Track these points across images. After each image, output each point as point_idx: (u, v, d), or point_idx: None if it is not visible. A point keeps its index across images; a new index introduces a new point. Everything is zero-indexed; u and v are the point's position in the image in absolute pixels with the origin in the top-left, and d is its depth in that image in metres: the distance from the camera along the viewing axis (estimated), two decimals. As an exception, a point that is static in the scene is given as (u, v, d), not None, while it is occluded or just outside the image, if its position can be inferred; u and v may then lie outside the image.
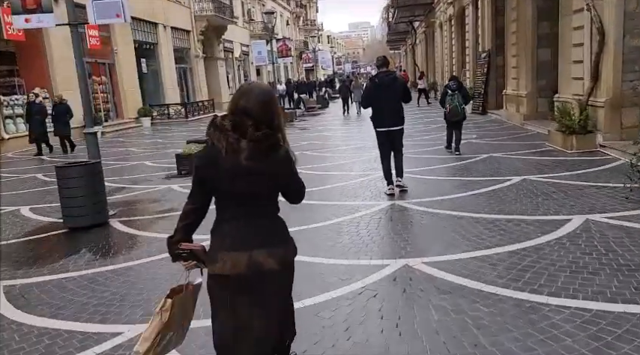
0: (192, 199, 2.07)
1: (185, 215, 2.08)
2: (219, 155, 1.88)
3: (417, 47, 39.72)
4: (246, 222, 1.97)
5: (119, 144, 15.04)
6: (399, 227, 4.94)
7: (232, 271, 1.92)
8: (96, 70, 19.24)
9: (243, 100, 1.91)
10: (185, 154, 8.86)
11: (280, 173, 1.99)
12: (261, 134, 1.87)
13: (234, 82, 35.13)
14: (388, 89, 6.06)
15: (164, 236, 5.18)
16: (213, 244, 2.01)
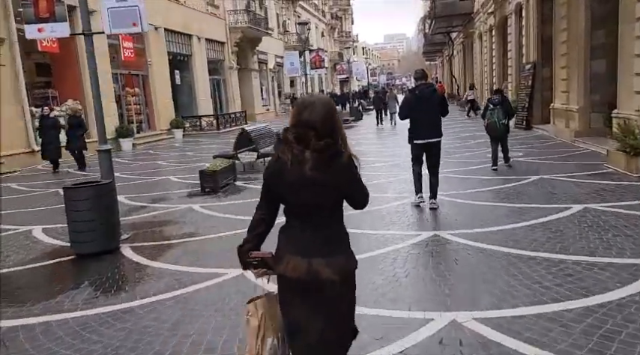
0: (261, 209, 2.16)
1: (255, 224, 2.16)
2: (285, 167, 1.95)
3: (454, 58, 38.65)
4: (309, 231, 2.02)
5: (148, 156, 14.86)
6: (442, 266, 4.23)
7: (293, 274, 2.00)
8: (129, 81, 19.32)
9: (306, 113, 1.97)
10: (209, 171, 8.42)
11: (343, 181, 2.03)
12: (323, 143, 1.93)
13: (267, 94, 35.05)
14: (427, 101, 6.08)
15: (174, 268, 4.73)
16: (280, 244, 2.09)
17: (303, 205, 2.01)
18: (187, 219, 6.51)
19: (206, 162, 12.01)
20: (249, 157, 11.26)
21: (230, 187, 8.66)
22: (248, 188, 8.58)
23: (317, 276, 1.98)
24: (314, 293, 2.00)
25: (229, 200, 7.63)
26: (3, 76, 12.58)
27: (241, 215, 6.51)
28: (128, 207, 7.48)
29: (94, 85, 5.60)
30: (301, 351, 2.07)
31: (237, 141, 10.65)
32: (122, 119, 18.27)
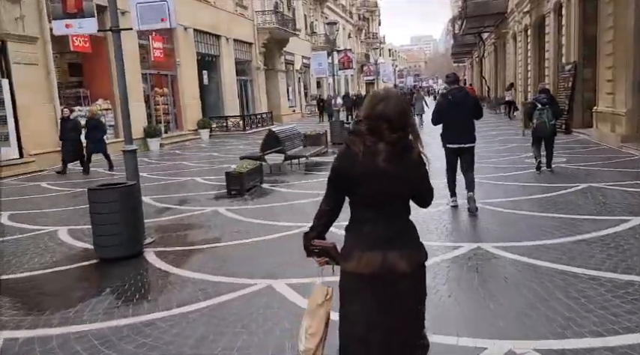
0: (327, 200, 2.16)
1: (320, 215, 2.19)
2: (356, 158, 1.97)
3: (485, 60, 37.70)
4: (380, 224, 2.02)
5: (175, 157, 14.80)
6: (489, 285, 3.83)
7: (366, 270, 1.99)
8: (158, 81, 19.39)
9: (381, 106, 1.98)
10: (236, 172, 8.18)
11: (413, 175, 2.04)
12: (396, 136, 1.95)
13: (294, 95, 34.90)
14: (460, 105, 5.99)
15: (198, 276, 4.32)
16: (348, 242, 2.09)
17: (375, 196, 2.00)
18: (213, 223, 6.27)
19: (232, 163, 11.80)
20: (276, 159, 11.01)
21: (257, 190, 8.41)
22: (275, 191, 8.32)
23: (392, 269, 1.98)
24: (387, 287, 1.99)
25: (256, 203, 7.38)
26: (35, 75, 12.69)
27: (268, 219, 6.25)
28: (153, 208, 7.31)
29: (120, 84, 5.42)
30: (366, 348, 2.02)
31: (264, 142, 10.42)
32: (150, 119, 18.33)
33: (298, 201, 7.34)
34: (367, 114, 2.00)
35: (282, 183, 9.04)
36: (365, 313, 2.01)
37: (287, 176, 9.82)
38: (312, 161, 11.22)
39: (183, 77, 20.09)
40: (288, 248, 5.04)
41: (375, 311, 1.99)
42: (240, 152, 14.80)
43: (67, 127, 11.47)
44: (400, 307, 2.01)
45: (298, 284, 4.00)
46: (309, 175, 9.86)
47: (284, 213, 6.64)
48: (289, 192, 8.18)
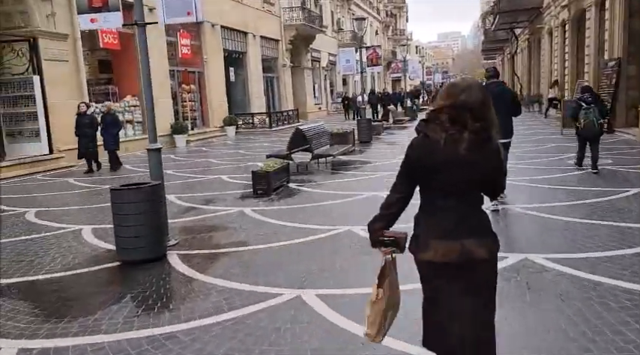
0: (398, 189, 2.15)
1: (389, 204, 2.16)
2: (436, 146, 1.97)
3: (518, 56, 36.56)
4: (457, 212, 2.02)
5: (201, 153, 14.72)
6: (544, 304, 3.44)
7: (444, 259, 2.00)
8: (186, 78, 19.38)
9: (464, 95, 1.98)
10: (262, 172, 7.94)
11: (492, 165, 2.05)
12: (479, 125, 1.96)
13: (319, 92, 34.63)
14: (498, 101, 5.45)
15: (223, 284, 4.07)
16: (421, 231, 2.09)
17: (455, 184, 2.00)
18: (238, 225, 6.03)
19: (258, 161, 11.64)
20: (302, 158, 10.75)
21: (283, 189, 8.16)
22: (302, 191, 8.04)
23: (470, 257, 1.99)
24: (466, 274, 2.01)
25: (282, 204, 7.11)
26: (65, 72, 12.77)
27: (295, 222, 5.97)
28: (178, 208, 7.14)
29: (145, 81, 5.22)
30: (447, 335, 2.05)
31: (291, 140, 10.15)
32: (177, 115, 18.34)
33: (327, 202, 7.05)
34: (449, 103, 1.99)
35: (309, 182, 8.76)
36: (445, 301, 2.04)
37: (314, 175, 9.54)
38: (339, 160, 10.93)
39: (211, 74, 20.06)
40: (318, 254, 4.75)
41: (455, 299, 2.02)
42: (266, 150, 14.61)
43: (83, 123, 11.04)
44: (478, 294, 2.04)
45: (329, 296, 3.71)
46: (337, 175, 9.55)
47: (312, 215, 6.36)
48: (317, 192, 7.90)
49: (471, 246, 1.99)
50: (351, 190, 7.75)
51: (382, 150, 13.29)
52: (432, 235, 2.04)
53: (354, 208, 6.66)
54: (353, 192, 7.54)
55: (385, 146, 14.28)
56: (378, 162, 10.89)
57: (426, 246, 2.04)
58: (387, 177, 8.88)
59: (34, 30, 11.77)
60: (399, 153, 12.29)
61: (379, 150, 13.33)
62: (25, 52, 11.79)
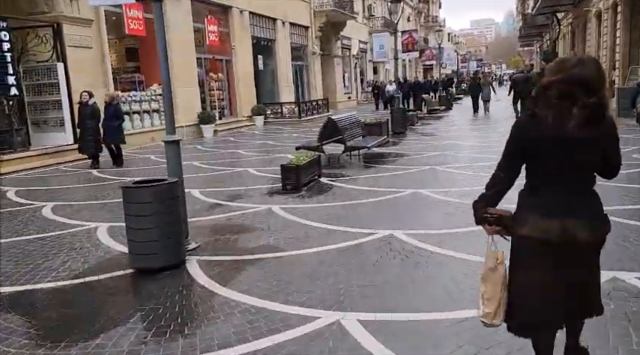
0: (504, 167, 2.13)
1: (494, 182, 2.16)
2: (544, 123, 1.94)
3: (559, 42, 34.61)
4: (562, 191, 1.99)
5: (228, 144, 14.22)
6: None
7: (542, 235, 1.97)
8: (213, 66, 18.93)
9: (577, 69, 1.90)
10: (292, 165, 7.32)
11: (606, 142, 1.98)
12: (592, 101, 1.88)
13: (349, 81, 33.73)
14: None
15: (247, 301, 2.96)
16: (523, 207, 2.09)
17: (563, 162, 1.96)
18: (266, 226, 5.43)
19: (287, 152, 11.04)
20: (333, 150, 10.08)
21: (314, 185, 7.52)
22: (335, 187, 7.38)
23: (571, 238, 1.95)
24: (564, 254, 1.98)
25: (313, 202, 6.48)
26: (90, 59, 12.42)
27: (329, 223, 5.33)
28: (201, 204, 6.60)
29: (163, 61, 4.63)
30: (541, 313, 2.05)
31: (322, 131, 9.49)
32: (204, 105, 17.91)
33: (362, 200, 6.37)
34: (560, 78, 1.91)
35: (341, 177, 8.10)
36: (540, 278, 2.02)
37: (346, 169, 8.86)
38: (373, 152, 10.19)
39: (239, 62, 19.52)
40: (357, 265, 4.09)
41: (551, 277, 2.00)
42: (295, 140, 13.99)
43: (85, 113, 10.07)
44: (577, 274, 2.02)
45: (374, 323, 3.06)
46: (371, 169, 8.84)
47: (347, 215, 5.70)
48: (351, 188, 7.22)
49: (573, 227, 1.94)
50: (389, 187, 7.04)
51: (418, 141, 12.47)
52: (533, 211, 2.02)
53: (393, 208, 5.97)
54: (390, 189, 6.84)
55: (421, 137, 13.43)
56: (415, 155, 10.12)
57: (525, 221, 2.03)
58: (425, 171, 8.13)
59: (58, 15, 11.42)
60: (439, 148, 11.59)
61: (415, 141, 12.52)
62: (49, 38, 11.46)
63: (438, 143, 11.88)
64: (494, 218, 2.10)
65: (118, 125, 10.40)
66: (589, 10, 23.70)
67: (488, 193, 2.16)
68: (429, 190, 6.68)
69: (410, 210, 5.88)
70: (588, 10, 23.78)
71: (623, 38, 17.74)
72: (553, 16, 31.88)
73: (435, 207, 5.85)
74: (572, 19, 28.52)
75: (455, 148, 10.75)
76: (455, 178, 7.48)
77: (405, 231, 4.92)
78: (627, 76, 17.15)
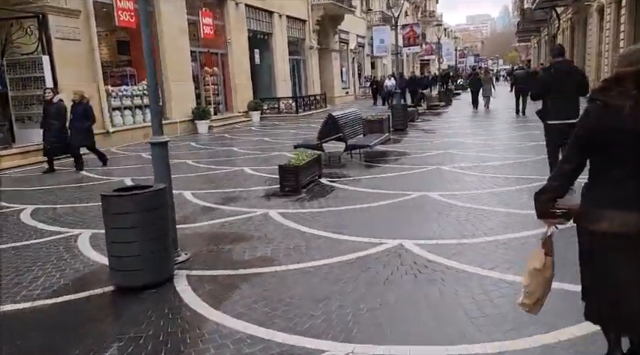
0: (570, 159, 2.12)
1: (561, 175, 2.14)
2: (618, 114, 1.90)
3: (558, 38, 34.18)
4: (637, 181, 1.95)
5: (223, 141, 13.73)
6: None
7: (620, 229, 1.94)
8: (208, 60, 18.40)
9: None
10: (290, 166, 6.86)
11: None
12: None
13: (347, 76, 33.23)
14: (567, 79, 5.73)
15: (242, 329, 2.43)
16: (594, 201, 2.04)
17: (636, 153, 1.91)
18: (263, 233, 4.98)
19: (285, 150, 10.59)
20: (333, 147, 9.63)
21: (314, 186, 7.08)
22: (336, 189, 6.93)
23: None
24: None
25: (314, 206, 6.02)
26: (78, 52, 11.88)
27: (331, 231, 4.89)
28: (193, 208, 6.14)
29: (147, 55, 4.16)
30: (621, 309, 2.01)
31: (322, 128, 9.01)
32: (199, 100, 17.40)
33: (366, 204, 5.93)
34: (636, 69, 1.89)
35: (343, 178, 7.65)
36: (621, 273, 1.98)
37: (347, 169, 8.41)
38: (374, 150, 9.73)
39: (234, 56, 19.00)
40: (365, 282, 3.64)
41: (634, 271, 1.97)
42: (293, 137, 13.55)
43: (50, 113, 9.15)
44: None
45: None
46: (373, 168, 8.39)
47: (350, 222, 5.26)
48: (354, 190, 6.78)
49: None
50: (394, 189, 6.60)
51: (419, 139, 12.03)
52: (607, 205, 1.98)
53: (400, 213, 5.52)
54: (396, 192, 6.40)
55: (422, 134, 12.99)
56: (417, 153, 9.67)
57: (600, 216, 1.98)
58: (431, 172, 7.69)
59: (44, 5, 10.87)
60: (442, 146, 11.14)
61: (416, 139, 12.08)
62: (34, 30, 10.91)
63: (440, 141, 11.44)
64: (562, 212, 2.08)
65: (88, 127, 9.40)
66: (590, 4, 23.29)
67: (554, 185, 2.12)
68: (436, 193, 6.24)
69: (418, 215, 5.44)
70: (589, 4, 23.37)
71: (627, 32, 17.33)
72: (552, 11, 31.49)
73: (445, 212, 5.42)
74: (572, 13, 28.10)
75: (459, 146, 10.31)
76: (463, 179, 7.04)
77: (416, 240, 4.48)
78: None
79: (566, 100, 5.61)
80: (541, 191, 2.15)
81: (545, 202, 2.12)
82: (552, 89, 5.72)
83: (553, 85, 5.72)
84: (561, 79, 5.70)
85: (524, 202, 5.46)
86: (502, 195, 6.11)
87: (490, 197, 6.00)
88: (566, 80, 5.69)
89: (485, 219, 5.05)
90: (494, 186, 6.55)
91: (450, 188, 6.55)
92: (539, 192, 2.15)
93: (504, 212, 5.30)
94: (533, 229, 4.46)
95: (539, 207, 2.14)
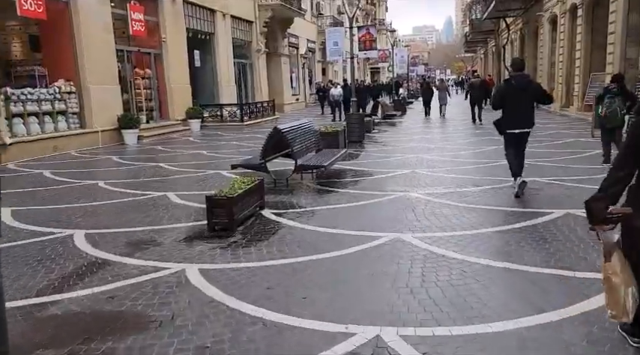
0: (623, 165, 2.27)
1: (614, 181, 2.27)
2: None
3: (507, 48, 34.40)
4: None
5: (152, 155, 11.76)
6: None
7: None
8: (139, 60, 16.30)
9: None
10: (221, 198, 5.20)
11: None
12: None
13: (297, 82, 31.76)
14: (524, 92, 6.07)
15: None
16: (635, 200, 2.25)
17: None
18: (170, 313, 3.29)
19: (224, 167, 8.89)
20: (281, 164, 8.06)
21: (255, 222, 5.45)
22: (282, 226, 5.33)
23: None
24: None
25: (251, 257, 4.38)
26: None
27: (272, 307, 3.29)
28: (76, 263, 4.34)
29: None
30: None
31: (266, 144, 7.40)
32: (129, 106, 15.27)
33: (323, 254, 4.36)
34: None
35: (291, 209, 6.06)
36: None
37: (297, 195, 6.83)
38: (330, 169, 8.22)
39: (171, 57, 16.98)
40: None
41: None
42: (235, 150, 11.90)
43: None
44: None
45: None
46: (329, 195, 6.84)
47: (305, 287, 3.67)
48: (305, 229, 5.19)
49: None
50: (357, 227, 5.09)
51: (379, 154, 10.65)
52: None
53: (370, 274, 3.97)
54: (360, 233, 4.89)
55: (381, 149, 11.63)
56: (380, 173, 8.24)
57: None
58: (400, 200, 6.23)
59: None
60: (403, 160, 9.82)
61: (376, 154, 10.70)
62: None
63: (403, 156, 10.11)
64: (616, 217, 2.19)
65: None
66: (541, 14, 23.13)
67: (610, 192, 2.24)
68: (412, 235, 4.79)
69: (396, 278, 3.89)
70: (541, 14, 23.22)
71: (584, 43, 16.94)
72: (502, 21, 31.56)
73: (431, 270, 3.95)
74: (523, 24, 28.12)
75: (425, 164, 8.99)
76: (442, 214, 5.62)
77: (399, 327, 2.98)
78: (588, 84, 16.35)
79: (522, 112, 6.08)
80: (596, 198, 2.26)
81: (603, 209, 2.20)
82: (511, 101, 6.07)
83: (512, 96, 6.06)
84: (520, 91, 6.03)
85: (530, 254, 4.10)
86: (495, 238, 4.74)
87: (480, 242, 4.59)
88: (524, 93, 6.05)
89: (485, 287, 3.61)
90: (481, 224, 5.17)
91: (428, 226, 5.12)
92: (595, 200, 2.25)
93: (510, 270, 3.89)
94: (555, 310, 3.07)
95: (596, 215, 2.22)
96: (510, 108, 6.10)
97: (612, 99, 7.73)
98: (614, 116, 7.69)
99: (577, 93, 17.54)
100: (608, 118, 7.77)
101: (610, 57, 14.27)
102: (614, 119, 7.71)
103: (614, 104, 7.68)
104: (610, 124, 7.81)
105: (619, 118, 7.70)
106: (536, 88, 6.33)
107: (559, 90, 19.84)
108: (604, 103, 7.80)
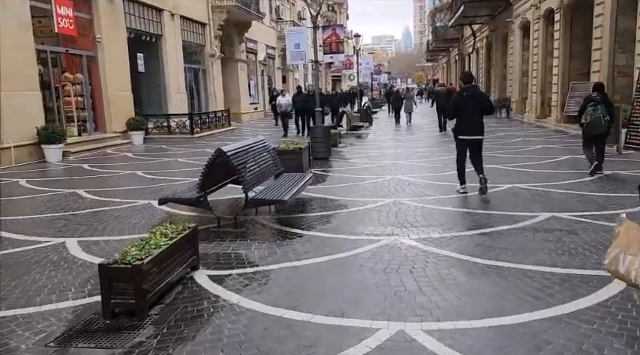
0: None
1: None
2: None
3: (472, 56, 33.83)
4: None
5: (74, 177, 9.61)
6: None
7: None
8: (69, 63, 14.05)
9: None
10: (126, 266, 3.34)
11: None
12: None
13: (256, 90, 29.86)
14: (474, 103, 6.64)
15: None
16: None
17: None
18: None
19: (159, 193, 6.91)
20: (230, 192, 6.23)
21: (179, 299, 3.60)
22: (221, 304, 3.49)
23: None
24: None
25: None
26: None
27: None
28: None
29: None
30: None
31: (207, 171, 5.50)
32: (54, 116, 12.98)
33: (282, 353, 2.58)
34: None
35: (239, 268, 4.24)
36: None
37: (247, 243, 5.00)
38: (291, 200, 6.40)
39: (108, 60, 14.79)
40: None
41: None
42: (180, 168, 10.02)
43: None
44: None
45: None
46: (290, 241, 5.02)
47: None
48: (257, 314, 3.37)
49: None
50: (335, 311, 3.33)
51: (350, 175, 8.95)
52: None
53: None
54: (340, 323, 3.13)
55: (351, 168, 9.92)
56: (355, 205, 6.49)
57: None
58: (383, 250, 4.49)
59: None
60: (380, 184, 8.06)
61: (346, 174, 9.00)
62: None
63: (379, 178, 8.44)
64: None
65: None
66: (511, 21, 22.33)
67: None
68: (422, 327, 3.08)
69: None
70: (511, 21, 22.41)
71: (562, 50, 15.97)
72: (468, 28, 30.93)
73: None
74: (490, 31, 27.41)
75: (409, 190, 7.36)
76: (442, 275, 3.95)
77: None
78: (568, 93, 15.37)
79: (472, 120, 6.65)
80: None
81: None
82: (462, 110, 6.67)
83: (463, 107, 6.66)
84: (470, 102, 6.63)
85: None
86: (527, 328, 3.09)
87: (505, 335, 2.93)
88: (473, 103, 6.63)
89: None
90: (504, 298, 3.51)
91: (436, 309, 3.41)
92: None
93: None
94: None
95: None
96: (463, 117, 6.71)
97: (595, 107, 7.75)
98: (598, 122, 7.71)
99: (555, 103, 16.57)
100: (592, 125, 7.77)
101: (596, 64, 13.24)
102: (599, 125, 7.72)
103: (598, 111, 7.71)
104: (595, 130, 7.80)
105: (603, 125, 7.73)
106: (484, 99, 7.02)
107: (533, 100, 18.90)
108: (587, 111, 7.82)
